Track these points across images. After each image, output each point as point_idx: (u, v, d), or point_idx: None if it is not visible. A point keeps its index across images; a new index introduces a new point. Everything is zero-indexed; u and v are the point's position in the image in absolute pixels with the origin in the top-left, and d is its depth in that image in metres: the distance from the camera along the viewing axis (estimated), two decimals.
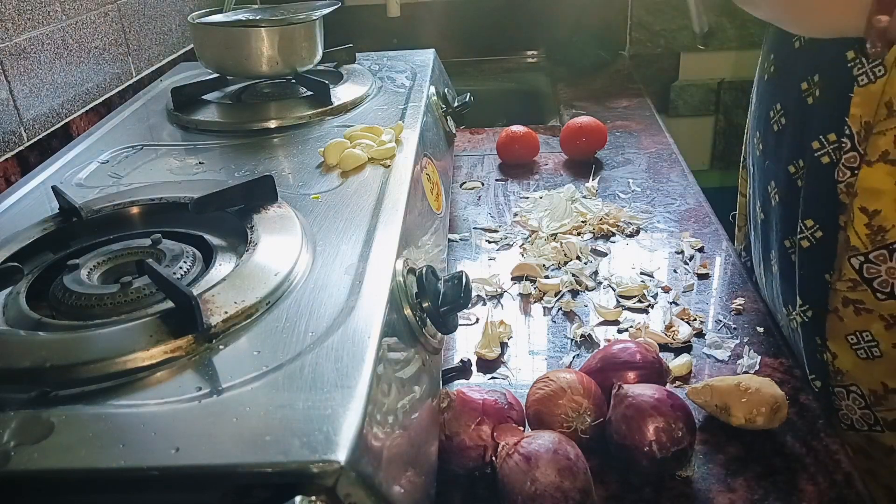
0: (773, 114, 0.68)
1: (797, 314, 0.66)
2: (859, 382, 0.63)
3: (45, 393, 0.44)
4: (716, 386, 0.63)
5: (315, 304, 0.50)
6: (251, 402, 0.42)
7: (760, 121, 0.71)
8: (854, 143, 0.57)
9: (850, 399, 0.64)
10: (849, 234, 0.58)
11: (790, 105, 0.65)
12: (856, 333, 0.61)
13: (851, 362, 0.62)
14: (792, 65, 0.65)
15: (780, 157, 0.67)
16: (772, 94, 0.69)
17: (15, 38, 0.91)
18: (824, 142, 0.60)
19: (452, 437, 0.58)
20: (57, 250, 0.63)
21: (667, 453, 0.55)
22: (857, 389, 0.63)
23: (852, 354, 0.62)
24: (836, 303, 0.61)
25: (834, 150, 0.59)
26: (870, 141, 0.56)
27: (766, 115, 0.69)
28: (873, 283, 0.59)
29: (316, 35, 0.98)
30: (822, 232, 0.61)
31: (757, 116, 0.73)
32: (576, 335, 0.76)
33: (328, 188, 0.69)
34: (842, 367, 0.63)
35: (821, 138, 0.60)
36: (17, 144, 0.91)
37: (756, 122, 0.73)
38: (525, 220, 0.99)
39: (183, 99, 0.94)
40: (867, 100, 0.55)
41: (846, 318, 0.61)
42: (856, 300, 0.60)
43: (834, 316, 0.62)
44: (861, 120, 0.56)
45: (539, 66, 1.72)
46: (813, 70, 0.61)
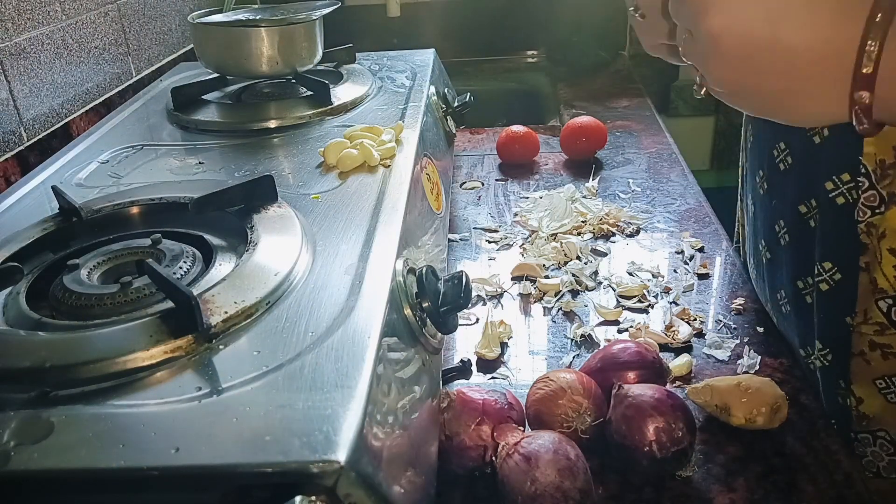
0: (777, 153, 0.66)
1: (816, 358, 0.64)
2: (888, 427, 0.61)
3: (45, 393, 0.44)
4: (716, 386, 0.63)
5: (315, 304, 0.50)
6: (251, 402, 0.42)
7: (763, 159, 0.69)
8: (872, 181, 0.56)
9: (877, 445, 0.61)
10: (875, 276, 0.57)
11: (795, 144, 0.64)
12: (884, 378, 0.59)
13: (880, 406, 0.60)
14: None
15: (788, 196, 0.65)
16: (773, 131, 0.67)
17: (15, 38, 0.91)
18: (838, 182, 0.58)
19: (452, 437, 0.58)
20: (57, 250, 0.63)
21: (667, 453, 0.55)
22: (885, 435, 0.61)
23: (881, 399, 0.60)
24: (863, 346, 0.60)
25: (849, 189, 0.57)
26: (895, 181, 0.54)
27: (769, 154, 0.68)
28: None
29: (316, 35, 0.98)
30: (841, 275, 0.59)
31: (758, 154, 0.71)
32: (576, 335, 0.76)
33: (328, 188, 0.69)
34: (868, 412, 0.61)
35: (834, 179, 0.58)
36: (17, 144, 0.91)
37: (758, 159, 0.71)
38: (525, 220, 0.99)
39: (183, 99, 0.94)
40: (881, 138, 0.53)
41: (874, 361, 0.59)
42: (883, 344, 0.58)
43: (860, 359, 0.60)
44: (876, 158, 0.55)
45: (539, 66, 1.72)
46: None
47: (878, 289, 0.56)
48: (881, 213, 0.55)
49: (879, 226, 0.55)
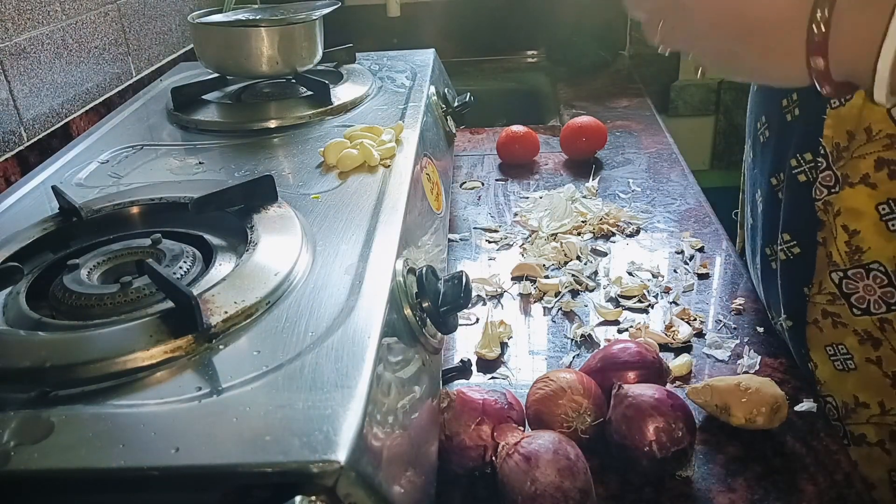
0: (759, 125, 0.70)
1: (781, 322, 0.69)
2: (834, 394, 0.65)
3: (45, 393, 0.44)
4: (716, 386, 0.63)
5: (315, 304, 0.50)
6: (251, 402, 0.42)
7: (750, 130, 0.74)
8: (829, 162, 0.59)
9: (826, 409, 0.66)
10: (830, 250, 0.61)
11: (773, 119, 0.68)
12: (833, 345, 0.64)
13: (829, 373, 0.65)
14: None
15: (764, 167, 0.70)
16: (759, 105, 0.71)
17: (15, 38, 0.91)
18: (801, 160, 0.62)
19: (452, 437, 0.58)
20: (57, 250, 0.63)
21: (667, 453, 0.55)
22: (832, 401, 0.65)
23: (830, 366, 0.64)
24: (816, 314, 0.64)
25: (810, 168, 0.61)
26: (850, 164, 0.58)
27: (754, 126, 0.72)
28: (851, 298, 0.61)
29: (316, 35, 0.98)
30: (800, 248, 0.64)
31: (748, 125, 0.76)
32: (576, 335, 0.76)
33: (328, 188, 0.69)
34: (821, 378, 0.66)
35: (798, 156, 0.62)
36: (17, 144, 0.91)
37: (748, 130, 0.76)
38: (525, 220, 0.99)
39: (183, 99, 0.94)
40: (838, 122, 0.58)
41: (825, 329, 0.64)
42: (834, 313, 0.63)
43: (814, 327, 0.65)
44: (833, 141, 0.59)
45: (539, 65, 1.72)
46: (790, 88, 0.64)
47: (832, 262, 0.61)
48: (835, 193, 0.59)
49: (835, 204, 0.59)
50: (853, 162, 0.58)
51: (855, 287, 0.60)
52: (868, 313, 0.60)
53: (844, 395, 0.64)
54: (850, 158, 0.58)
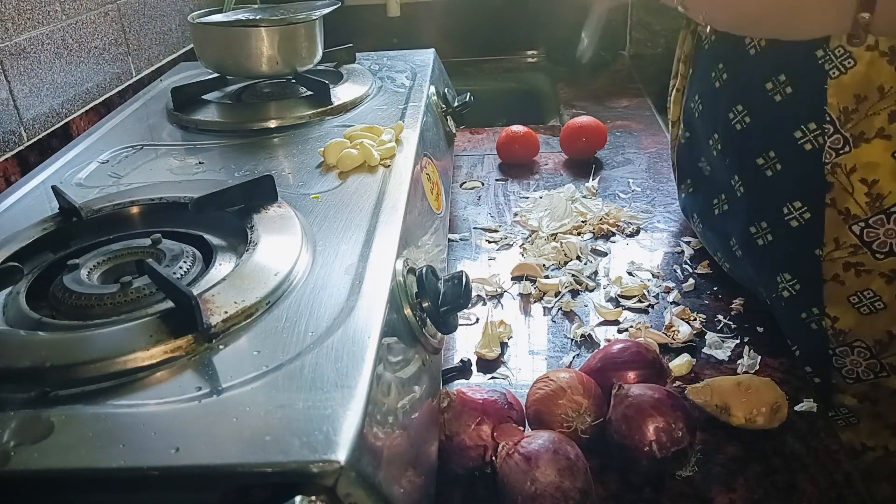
0: (733, 115, 0.74)
1: (784, 289, 0.72)
2: (863, 336, 0.69)
3: (45, 393, 0.44)
4: (716, 386, 0.63)
5: (315, 304, 0.50)
6: (251, 401, 0.42)
7: (717, 123, 0.77)
8: (836, 127, 0.64)
9: (855, 353, 0.69)
10: (846, 206, 0.65)
11: (755, 104, 0.71)
12: (857, 293, 0.67)
13: (854, 319, 0.68)
14: (750, 70, 0.71)
15: (745, 151, 0.73)
16: (729, 98, 0.75)
17: (15, 38, 0.91)
18: (805, 130, 0.66)
19: (452, 436, 0.58)
20: (57, 250, 0.63)
21: (667, 453, 0.56)
22: (861, 343, 0.69)
23: (855, 313, 0.68)
24: (836, 269, 0.67)
25: (816, 136, 0.65)
26: (865, 122, 0.63)
27: (724, 118, 0.75)
28: (872, 245, 0.65)
29: (316, 35, 0.98)
30: (811, 213, 0.68)
31: (711, 119, 0.79)
32: (576, 335, 0.76)
33: (328, 188, 0.69)
34: (844, 328, 0.69)
35: (802, 127, 0.66)
36: (17, 144, 0.91)
37: (710, 124, 0.79)
38: (525, 219, 0.99)
39: (183, 99, 0.94)
40: (841, 90, 0.63)
41: (847, 280, 0.67)
42: (856, 263, 0.66)
43: (833, 283, 0.68)
44: (839, 107, 0.63)
45: (539, 65, 1.72)
46: (776, 71, 0.67)
47: (851, 216, 0.65)
48: (846, 153, 0.64)
49: (846, 163, 0.64)
50: (867, 120, 0.62)
51: (876, 234, 0.65)
52: (892, 254, 0.65)
53: (876, 333, 0.68)
54: (863, 117, 0.62)
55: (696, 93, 0.83)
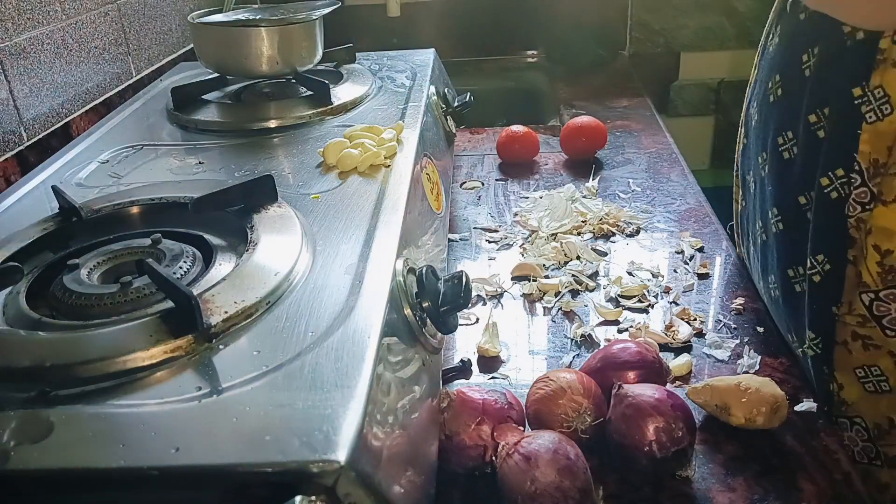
0: (782, 140, 0.66)
1: (809, 347, 0.66)
2: (864, 415, 0.63)
3: (45, 392, 0.44)
4: (716, 386, 0.63)
5: (315, 303, 0.50)
6: (251, 401, 0.42)
7: (768, 141, 0.70)
8: (864, 178, 0.57)
9: (853, 431, 0.64)
10: (860, 270, 0.58)
11: (801, 135, 0.64)
12: (864, 367, 0.61)
13: (857, 394, 0.62)
14: (800, 93, 0.64)
15: (788, 185, 0.66)
16: (781, 118, 0.68)
17: (15, 38, 0.91)
18: (832, 177, 0.59)
19: (452, 436, 0.58)
20: (57, 250, 0.63)
21: (667, 453, 0.55)
22: (861, 422, 0.63)
23: (859, 387, 0.62)
24: (846, 335, 0.61)
25: (842, 185, 0.58)
26: (885, 181, 0.56)
27: (774, 139, 0.68)
28: (882, 320, 0.59)
29: (316, 35, 0.98)
30: (831, 266, 0.61)
31: (763, 135, 0.71)
32: (576, 335, 0.76)
33: (328, 188, 0.69)
34: (847, 399, 0.63)
35: (830, 174, 0.59)
36: (17, 144, 0.91)
37: (762, 141, 0.72)
38: (525, 219, 0.99)
39: (183, 99, 0.94)
40: (875, 137, 0.55)
41: (854, 351, 0.61)
42: (865, 335, 0.60)
43: (842, 348, 0.62)
44: (870, 157, 0.56)
45: (539, 65, 1.72)
46: (822, 102, 0.60)
47: (862, 282, 0.58)
48: (870, 210, 0.57)
49: (867, 222, 0.57)
50: (888, 178, 0.56)
51: (887, 309, 0.58)
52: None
53: (877, 416, 0.62)
54: (886, 174, 0.55)
55: (755, 99, 0.75)
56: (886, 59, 0.54)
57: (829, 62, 0.60)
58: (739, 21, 1.66)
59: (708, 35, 1.69)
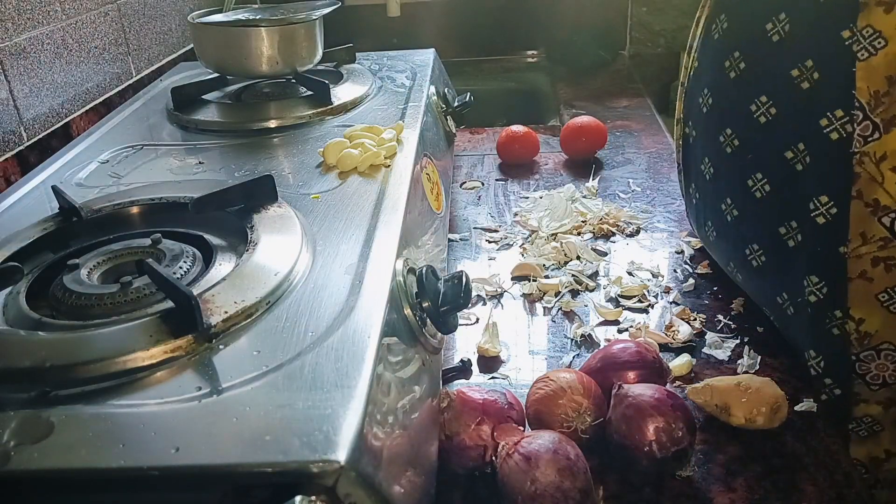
0: (755, 107, 0.70)
1: (812, 293, 0.67)
2: (891, 338, 0.64)
3: (45, 393, 0.44)
4: (716, 386, 0.63)
5: (315, 303, 0.50)
6: (251, 401, 0.42)
7: (733, 117, 0.73)
8: (866, 112, 0.60)
9: (882, 357, 0.65)
10: (875, 197, 0.61)
11: (781, 94, 0.67)
12: (887, 290, 0.63)
13: (881, 320, 0.64)
14: (772, 58, 0.67)
15: (771, 145, 0.69)
16: (750, 87, 0.71)
17: (15, 38, 0.91)
18: (832, 118, 0.62)
19: (452, 436, 0.58)
20: (57, 250, 0.63)
21: (667, 453, 0.55)
22: (889, 345, 0.64)
23: (882, 312, 0.63)
24: (863, 266, 0.63)
25: (843, 124, 0.61)
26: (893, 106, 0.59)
27: (745, 111, 0.71)
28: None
29: (316, 35, 0.98)
30: (837, 208, 0.63)
31: (725, 115, 0.75)
32: (576, 335, 0.76)
33: (328, 188, 0.69)
34: (869, 330, 0.64)
35: (828, 115, 0.62)
36: (17, 144, 0.91)
37: (724, 120, 0.75)
38: (525, 219, 0.99)
39: (183, 99, 0.94)
40: (870, 72, 0.59)
41: (876, 277, 0.63)
42: (886, 257, 0.62)
43: (859, 281, 0.63)
44: (869, 90, 0.59)
45: (539, 65, 1.72)
46: (802, 56, 0.64)
47: (882, 206, 0.61)
48: (875, 140, 0.59)
49: (876, 151, 0.60)
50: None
51: None
52: None
53: None
54: (893, 101, 0.59)
55: (705, 86, 0.79)
56: (868, 2, 0.58)
57: (804, 20, 0.65)
58: None
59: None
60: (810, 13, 0.64)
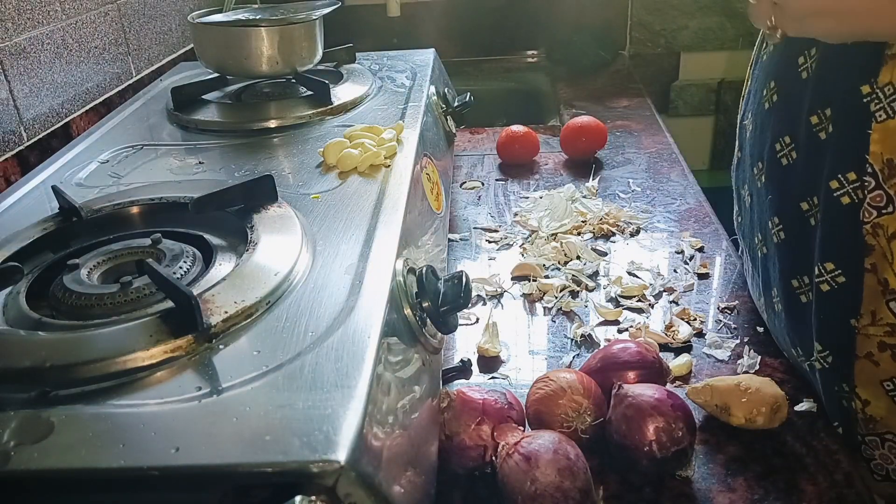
0: (780, 146, 0.64)
1: (816, 360, 0.63)
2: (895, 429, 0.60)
3: (45, 393, 0.44)
4: (716, 386, 0.63)
5: (315, 303, 0.50)
6: (251, 401, 0.42)
7: (765, 150, 0.68)
8: (878, 181, 0.54)
9: (886, 448, 0.60)
10: (886, 277, 0.55)
11: (801, 139, 0.61)
12: (892, 379, 0.58)
13: (886, 408, 0.59)
14: (799, 96, 0.61)
15: (788, 192, 0.64)
16: (778, 124, 0.65)
17: (15, 38, 0.91)
18: (843, 181, 0.56)
19: (452, 436, 0.58)
20: (57, 250, 0.63)
21: (667, 453, 0.55)
22: (893, 438, 0.60)
23: (888, 400, 0.59)
24: (870, 348, 0.58)
25: (855, 189, 0.56)
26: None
27: (771, 146, 0.66)
28: None
29: (316, 35, 0.98)
30: (845, 277, 0.58)
31: (759, 144, 0.69)
32: (576, 335, 0.76)
33: (328, 188, 0.69)
34: (875, 415, 0.60)
35: (839, 177, 0.56)
36: (17, 144, 0.91)
37: (757, 150, 0.70)
38: (525, 219, 0.99)
39: (183, 99, 0.94)
40: (887, 136, 0.53)
41: (882, 362, 0.58)
42: (894, 345, 0.57)
43: (866, 361, 0.59)
44: (883, 157, 0.54)
45: (539, 65, 1.72)
46: (824, 103, 0.58)
47: (890, 290, 0.55)
48: (889, 213, 0.54)
49: (888, 226, 0.54)
50: None
51: None
52: None
53: None
54: None
55: (750, 111, 0.72)
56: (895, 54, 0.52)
57: (831, 62, 0.58)
58: (740, 21, 1.67)
59: (708, 35, 1.69)
60: (837, 54, 0.57)
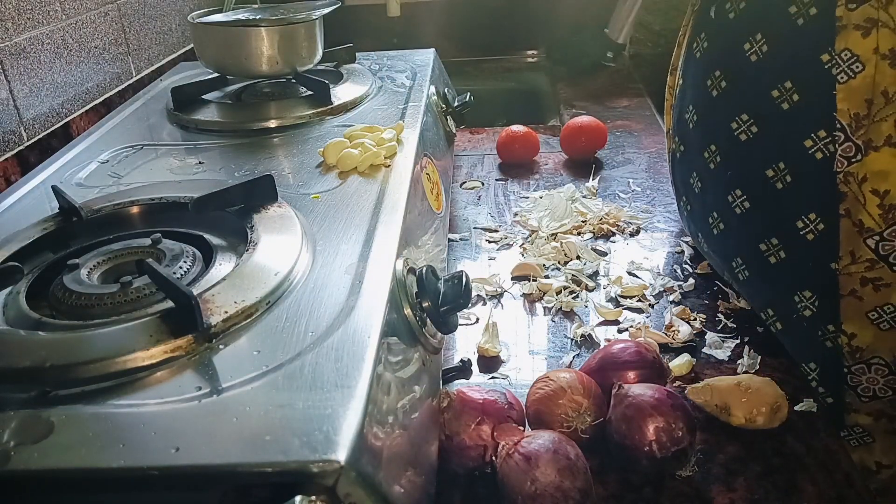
0: (736, 125, 0.71)
1: (805, 307, 0.69)
2: (881, 353, 0.66)
3: (45, 392, 0.44)
4: (716, 386, 0.63)
5: (315, 303, 0.50)
6: (251, 401, 0.42)
7: (717, 133, 0.75)
8: (847, 134, 0.61)
9: (873, 371, 0.67)
10: (860, 218, 0.62)
11: (762, 113, 0.69)
12: (876, 309, 0.64)
13: (872, 336, 0.66)
14: (751, 77, 0.69)
15: (751, 163, 0.70)
16: (730, 106, 0.72)
17: (15, 38, 0.91)
18: (815, 139, 0.63)
19: (452, 436, 0.58)
20: (57, 250, 0.63)
21: (667, 453, 0.55)
22: (879, 359, 0.66)
23: (873, 329, 0.65)
24: (853, 285, 0.65)
25: (826, 144, 0.63)
26: (871, 129, 0.60)
27: (726, 128, 0.72)
28: (889, 258, 0.63)
29: (316, 35, 0.98)
30: (825, 224, 0.65)
31: (708, 130, 0.76)
32: (576, 335, 0.76)
33: (328, 188, 0.69)
34: (861, 344, 0.66)
35: (812, 136, 0.64)
36: (17, 144, 0.91)
37: (708, 135, 0.77)
38: (525, 219, 0.99)
39: (183, 98, 0.94)
40: (851, 94, 0.61)
41: (866, 296, 0.64)
42: (874, 278, 0.64)
43: (850, 298, 0.65)
44: (850, 112, 0.61)
45: (539, 65, 1.72)
46: (781, 78, 0.65)
47: (866, 228, 0.62)
48: (857, 161, 0.61)
49: (858, 172, 0.61)
50: (875, 126, 0.60)
51: (892, 247, 0.62)
52: None
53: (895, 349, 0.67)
54: (871, 124, 0.60)
55: (690, 103, 0.80)
56: (846, 24, 0.60)
57: (782, 41, 0.66)
58: None
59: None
60: (787, 35, 0.66)
